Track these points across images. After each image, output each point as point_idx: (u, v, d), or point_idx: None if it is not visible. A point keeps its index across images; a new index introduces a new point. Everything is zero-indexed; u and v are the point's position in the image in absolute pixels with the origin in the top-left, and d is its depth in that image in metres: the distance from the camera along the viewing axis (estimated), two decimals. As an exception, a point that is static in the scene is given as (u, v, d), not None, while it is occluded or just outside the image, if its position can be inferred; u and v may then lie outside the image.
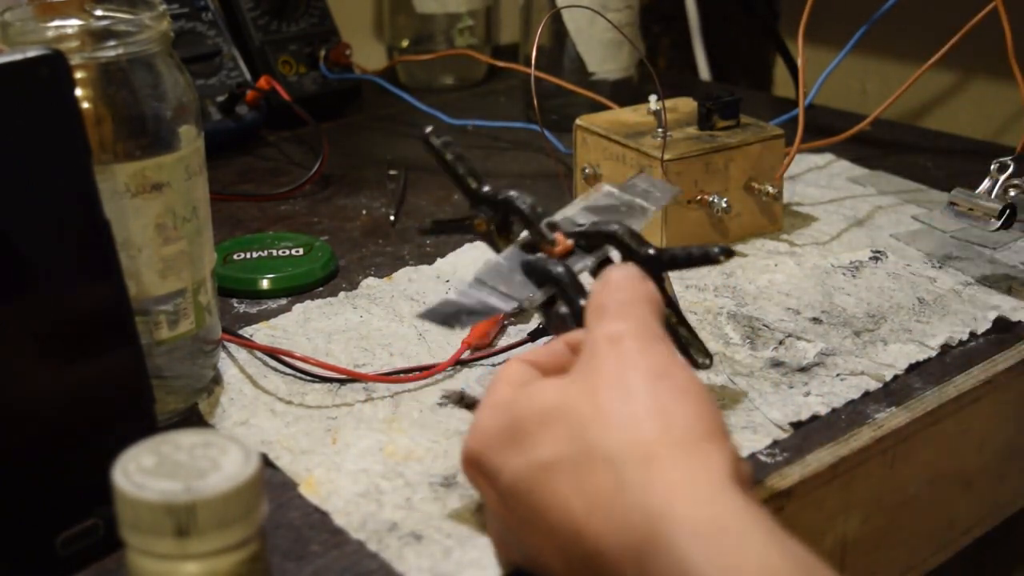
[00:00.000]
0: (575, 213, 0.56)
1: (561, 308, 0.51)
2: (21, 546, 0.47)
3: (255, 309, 0.71)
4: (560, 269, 0.51)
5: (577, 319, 0.51)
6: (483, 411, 0.47)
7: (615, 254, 0.54)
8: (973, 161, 0.90)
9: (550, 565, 0.44)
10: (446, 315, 0.52)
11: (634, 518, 0.40)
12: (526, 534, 0.44)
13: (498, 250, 0.57)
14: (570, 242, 0.53)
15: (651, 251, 0.52)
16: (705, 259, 0.50)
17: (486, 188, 0.57)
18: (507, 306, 0.52)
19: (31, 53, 0.47)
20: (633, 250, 0.52)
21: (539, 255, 0.53)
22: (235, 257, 0.75)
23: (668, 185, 0.60)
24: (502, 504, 0.45)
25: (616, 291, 0.47)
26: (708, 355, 0.55)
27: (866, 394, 0.61)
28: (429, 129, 0.58)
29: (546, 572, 0.44)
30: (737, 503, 0.40)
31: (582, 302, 0.51)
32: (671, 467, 0.40)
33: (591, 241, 0.53)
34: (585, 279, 0.53)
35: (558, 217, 0.56)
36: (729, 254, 0.50)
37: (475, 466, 0.47)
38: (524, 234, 0.55)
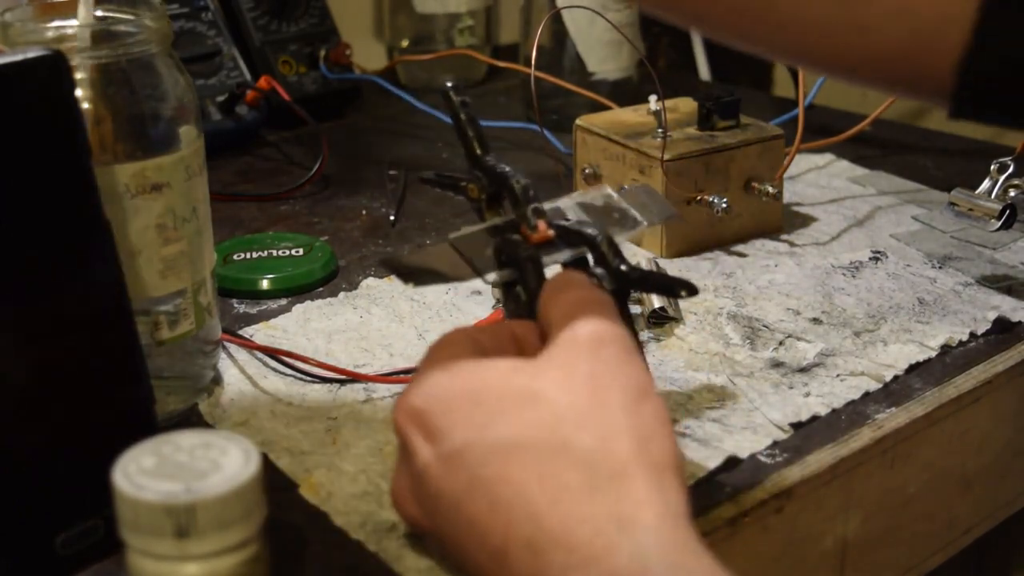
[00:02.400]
0: (568, 206, 0.56)
1: (520, 292, 0.51)
2: (21, 546, 0.47)
3: (255, 309, 0.71)
4: (526, 255, 0.51)
5: (531, 309, 0.50)
6: (431, 369, 0.46)
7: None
8: (973, 161, 0.90)
9: (481, 536, 0.43)
10: (405, 271, 0.52)
11: (599, 517, 0.40)
12: (464, 501, 0.43)
13: (483, 220, 0.57)
14: (550, 232, 0.53)
15: (623, 267, 0.52)
16: (668, 291, 0.51)
17: (488, 158, 0.56)
18: (467, 277, 0.52)
19: (31, 53, 0.47)
20: (606, 260, 0.52)
21: (515, 236, 0.53)
22: (235, 257, 0.75)
23: (668, 206, 0.60)
24: (439, 465, 0.44)
25: (583, 289, 0.48)
26: None
27: (866, 394, 0.61)
28: (451, 83, 0.58)
29: (467, 541, 0.44)
30: (694, 536, 0.41)
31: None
32: (642, 487, 0.41)
33: (570, 239, 0.53)
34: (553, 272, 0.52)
35: (548, 206, 0.56)
36: (693, 292, 0.50)
37: (415, 421, 0.45)
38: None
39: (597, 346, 0.45)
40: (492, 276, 0.52)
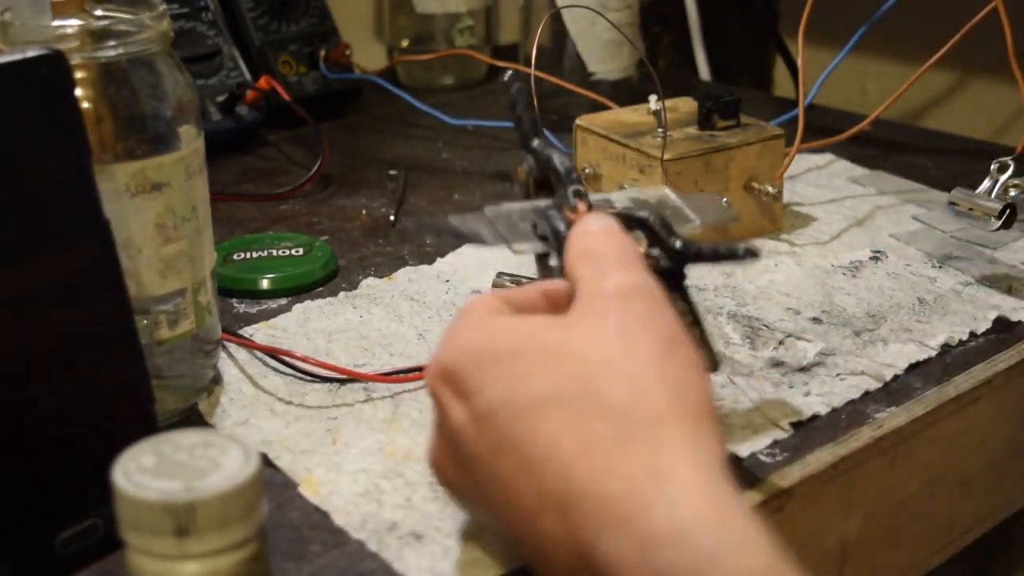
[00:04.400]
0: (620, 198, 0.55)
1: (552, 261, 0.51)
2: (21, 546, 0.47)
3: (255, 309, 0.71)
4: (562, 227, 0.51)
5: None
6: (461, 329, 0.46)
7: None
8: (973, 161, 0.90)
9: (514, 496, 0.42)
10: (431, 227, 0.52)
11: (634, 469, 0.40)
12: (494, 460, 0.43)
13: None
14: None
15: (679, 243, 0.51)
16: (731, 256, 0.50)
17: (535, 142, 0.56)
18: (495, 242, 0.52)
19: (31, 53, 0.47)
20: (661, 239, 0.51)
21: (553, 212, 0.53)
22: (235, 257, 0.75)
23: (726, 209, 0.58)
24: (472, 424, 0.44)
25: (607, 240, 0.47)
26: (716, 362, 0.54)
27: (866, 394, 0.61)
28: (509, 74, 0.57)
29: (500, 501, 0.43)
30: (731, 486, 0.40)
31: None
32: (676, 437, 0.40)
33: (620, 224, 0.53)
34: None
35: (600, 196, 0.55)
36: (755, 255, 0.49)
37: (447, 380, 0.45)
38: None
39: (625, 298, 0.44)
40: (521, 247, 0.52)
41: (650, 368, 0.42)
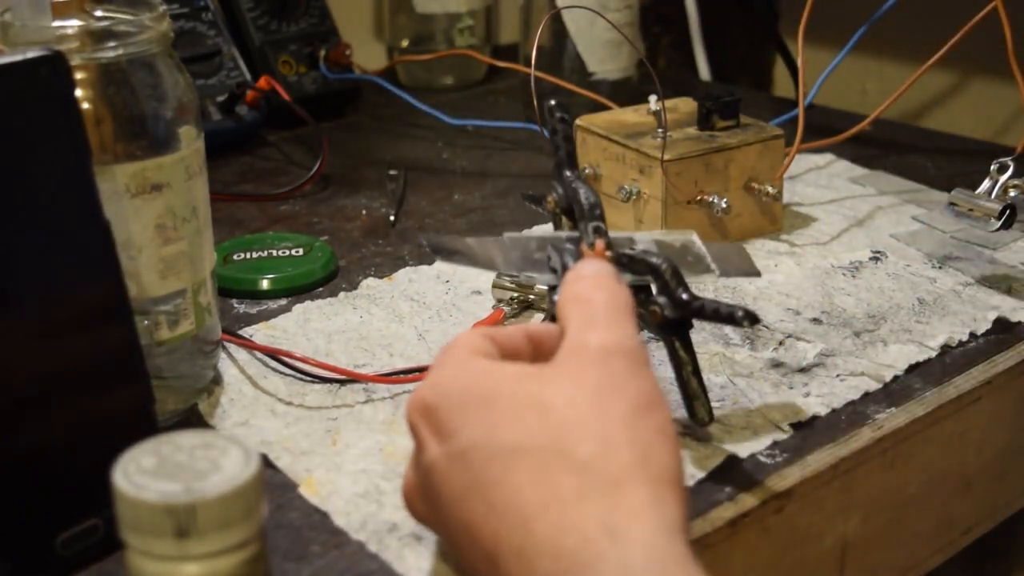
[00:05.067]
0: (643, 239, 0.56)
1: (556, 295, 0.52)
2: (21, 546, 0.47)
3: (255, 309, 0.71)
4: (572, 263, 0.52)
5: None
6: (446, 367, 0.46)
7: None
8: (973, 161, 0.90)
9: (476, 538, 0.43)
10: (442, 248, 0.54)
11: (590, 524, 0.40)
12: (463, 501, 0.43)
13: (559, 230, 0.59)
14: (606, 253, 0.53)
15: (685, 296, 0.52)
16: (729, 319, 0.51)
17: (568, 173, 0.58)
18: (507, 270, 0.53)
19: (31, 53, 0.47)
20: (669, 289, 0.52)
21: (569, 246, 0.53)
22: (235, 257, 0.75)
23: (752, 265, 0.60)
24: (445, 463, 0.44)
25: (599, 288, 0.47)
26: (710, 414, 0.55)
27: (866, 395, 0.61)
28: (554, 103, 0.58)
29: (463, 540, 0.44)
30: (688, 552, 0.41)
31: None
32: (637, 498, 0.41)
33: (634, 267, 0.53)
34: None
35: (624, 234, 0.56)
36: (754, 320, 0.50)
37: (427, 417, 0.45)
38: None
39: (606, 357, 0.45)
40: (532, 277, 0.53)
41: (620, 429, 0.43)
